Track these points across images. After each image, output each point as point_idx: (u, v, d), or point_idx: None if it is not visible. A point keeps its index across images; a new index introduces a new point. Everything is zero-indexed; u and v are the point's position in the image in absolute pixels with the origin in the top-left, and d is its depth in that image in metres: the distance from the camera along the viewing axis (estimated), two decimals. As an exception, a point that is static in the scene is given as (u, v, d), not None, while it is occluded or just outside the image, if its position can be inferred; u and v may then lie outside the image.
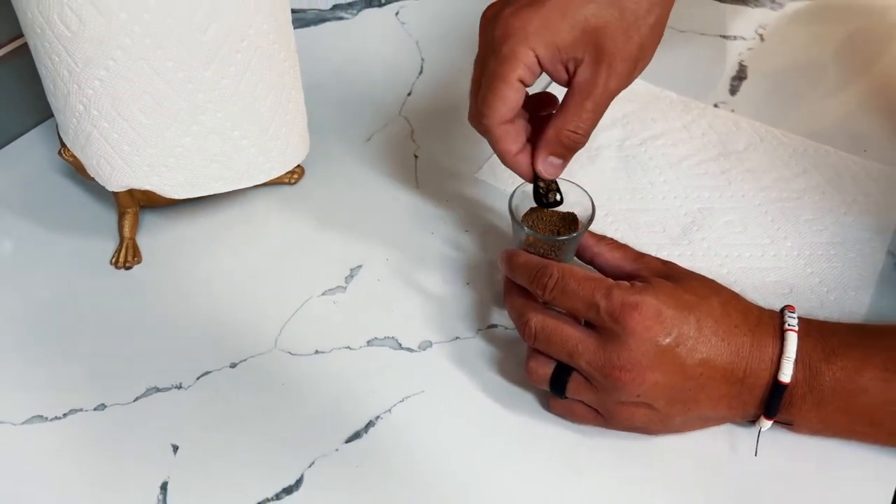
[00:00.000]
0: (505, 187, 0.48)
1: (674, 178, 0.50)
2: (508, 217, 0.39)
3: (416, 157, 0.52)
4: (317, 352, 0.40)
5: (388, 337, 0.41)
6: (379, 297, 0.43)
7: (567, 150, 0.36)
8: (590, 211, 0.38)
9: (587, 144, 0.37)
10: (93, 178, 0.43)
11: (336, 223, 0.47)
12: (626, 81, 0.35)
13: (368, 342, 0.41)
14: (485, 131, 0.36)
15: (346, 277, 0.44)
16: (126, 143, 0.39)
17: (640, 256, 0.37)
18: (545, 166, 0.36)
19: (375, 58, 0.60)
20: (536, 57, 0.34)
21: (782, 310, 0.35)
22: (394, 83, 0.57)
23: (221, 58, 0.38)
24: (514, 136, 0.36)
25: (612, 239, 0.38)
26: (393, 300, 0.43)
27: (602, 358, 0.32)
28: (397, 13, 0.64)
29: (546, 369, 0.34)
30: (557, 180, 0.38)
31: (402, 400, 0.38)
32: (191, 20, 0.36)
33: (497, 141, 0.36)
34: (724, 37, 0.61)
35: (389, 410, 0.38)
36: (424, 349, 0.41)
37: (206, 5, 0.36)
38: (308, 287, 0.44)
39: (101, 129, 0.38)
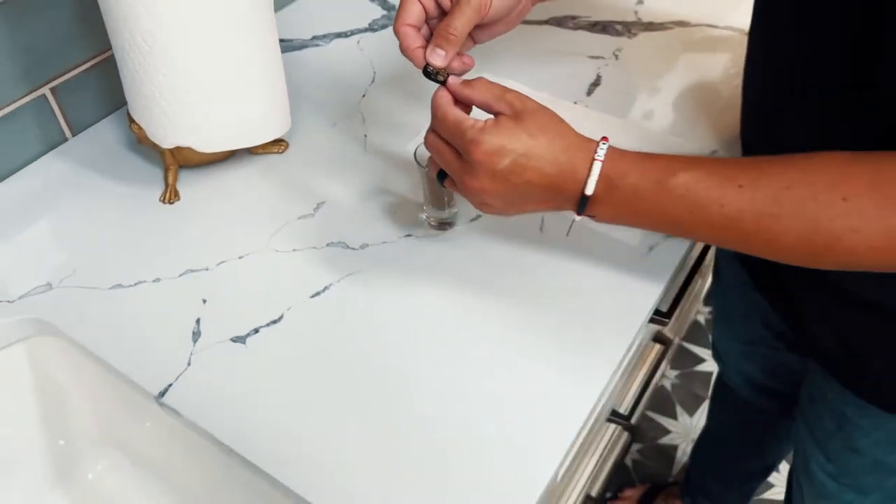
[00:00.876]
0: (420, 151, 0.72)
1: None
2: (419, 169, 0.63)
3: (365, 136, 0.76)
4: (294, 250, 0.64)
5: (340, 241, 0.65)
6: (336, 217, 0.67)
7: (448, 44, 0.51)
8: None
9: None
10: (150, 144, 0.67)
11: (311, 175, 0.71)
12: (488, 6, 0.52)
13: (327, 244, 0.64)
14: (396, 33, 0.52)
15: (314, 207, 0.68)
16: (175, 113, 0.63)
17: (503, 95, 0.50)
18: (431, 55, 0.51)
19: (341, 70, 0.84)
20: None
21: (599, 140, 0.49)
22: (353, 88, 0.82)
23: (237, 58, 0.62)
24: (414, 37, 0.52)
25: (480, 80, 0.51)
26: (344, 220, 0.66)
27: (461, 174, 0.50)
28: (358, 41, 0.89)
29: (435, 168, 0.54)
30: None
31: (348, 275, 0.62)
32: (221, 42, 0.60)
33: (402, 38, 0.52)
34: (591, 56, 0.86)
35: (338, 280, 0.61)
36: (363, 248, 0.64)
37: (232, 32, 0.60)
38: (288, 211, 0.67)
39: (160, 106, 0.62)
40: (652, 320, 0.70)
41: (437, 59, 0.52)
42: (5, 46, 0.66)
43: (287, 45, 0.87)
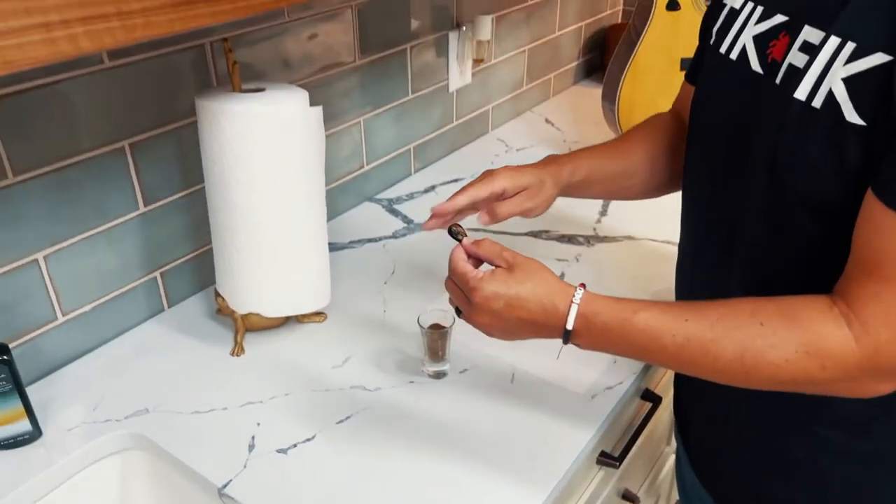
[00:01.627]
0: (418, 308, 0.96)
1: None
2: (421, 332, 0.87)
3: (384, 311, 1.01)
4: (326, 390, 0.87)
5: (360, 385, 0.87)
6: (359, 367, 0.90)
7: (494, 220, 0.81)
8: (451, 321, 0.86)
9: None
10: (226, 313, 0.93)
11: (342, 338, 0.95)
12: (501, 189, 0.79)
13: (351, 387, 0.87)
14: (436, 208, 0.78)
15: (343, 360, 0.91)
16: (250, 286, 0.89)
17: (501, 252, 0.68)
18: (481, 216, 0.80)
19: (370, 264, 1.12)
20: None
21: (577, 286, 0.65)
22: (377, 277, 1.09)
23: (299, 247, 0.89)
24: (444, 216, 0.79)
25: (486, 241, 0.70)
26: (365, 369, 0.90)
27: (468, 312, 0.67)
28: (384, 245, 1.18)
29: (453, 305, 0.71)
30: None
31: (364, 409, 0.84)
32: (290, 235, 0.88)
33: (438, 210, 0.78)
34: (558, 259, 1.13)
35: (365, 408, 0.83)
36: (377, 390, 0.87)
37: (297, 228, 0.88)
38: (324, 363, 0.91)
39: (242, 280, 0.89)
40: (601, 462, 0.89)
41: (483, 220, 0.81)
42: (138, 244, 0.95)
43: (331, 247, 1.16)
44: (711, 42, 0.73)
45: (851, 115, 0.55)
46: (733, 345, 0.59)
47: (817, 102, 0.57)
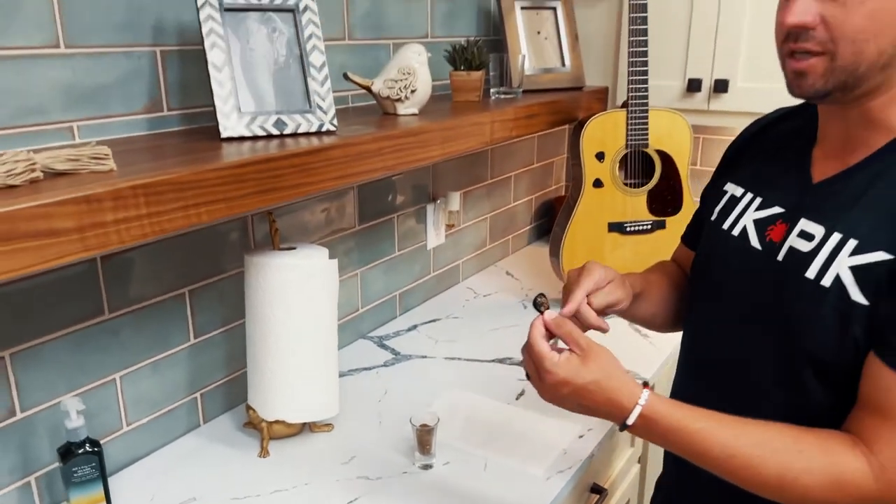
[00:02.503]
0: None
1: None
2: (412, 430, 1.12)
3: (380, 423, 1.25)
4: (336, 480, 1.09)
5: (364, 476, 1.10)
6: (362, 462, 1.13)
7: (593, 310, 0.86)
8: (436, 420, 1.11)
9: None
10: (254, 425, 1.16)
11: (347, 442, 1.19)
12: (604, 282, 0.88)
13: (357, 477, 1.10)
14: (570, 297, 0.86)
15: (349, 458, 1.15)
16: (276, 396, 1.14)
17: (578, 338, 0.77)
18: (567, 310, 0.85)
19: (365, 388, 1.37)
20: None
21: (643, 383, 0.75)
22: (373, 398, 1.34)
23: (322, 365, 1.15)
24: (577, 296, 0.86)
25: (566, 321, 0.79)
26: (367, 463, 1.13)
27: (537, 386, 0.78)
28: (377, 373, 1.44)
29: (525, 374, 0.82)
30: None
31: (367, 493, 1.06)
32: (313, 354, 1.14)
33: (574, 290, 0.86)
34: (518, 379, 1.40)
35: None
36: (378, 479, 1.10)
37: (321, 348, 1.15)
38: (333, 462, 1.14)
39: (270, 391, 1.14)
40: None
41: (567, 309, 0.85)
42: (186, 370, 1.20)
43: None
44: (713, 219, 0.91)
45: (857, 296, 0.71)
46: (776, 465, 0.71)
47: (826, 282, 0.73)
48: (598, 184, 1.65)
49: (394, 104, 1.27)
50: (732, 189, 0.91)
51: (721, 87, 1.67)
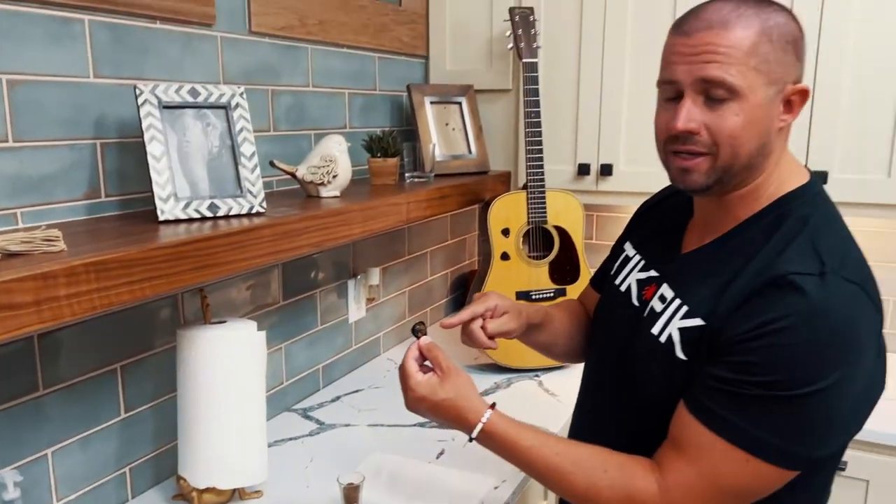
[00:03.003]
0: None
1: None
2: (339, 490, 1.19)
3: (307, 487, 1.32)
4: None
5: (294, 536, 1.16)
6: (291, 526, 1.19)
7: (486, 336, 1.05)
8: (361, 479, 1.19)
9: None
10: (186, 491, 1.21)
11: (275, 508, 1.24)
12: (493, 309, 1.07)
13: (287, 538, 1.16)
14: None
15: (279, 522, 1.20)
16: (206, 463, 1.19)
17: (442, 361, 0.96)
18: (447, 321, 1.06)
19: (295, 456, 1.43)
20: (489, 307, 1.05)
21: (491, 405, 0.93)
22: (301, 473, 1.40)
23: (250, 436, 1.22)
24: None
25: (436, 348, 0.97)
26: (296, 527, 1.18)
27: (405, 400, 0.97)
28: (303, 442, 1.50)
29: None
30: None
31: None
32: (244, 420, 1.21)
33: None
34: (437, 440, 1.49)
35: None
36: (307, 538, 1.16)
37: (235, 392, 1.21)
38: (265, 526, 1.19)
39: (201, 458, 1.19)
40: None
41: (448, 320, 1.06)
42: (115, 444, 1.24)
43: (260, 445, 1.47)
44: (612, 273, 1.08)
45: (679, 353, 0.87)
46: (585, 480, 0.89)
47: (663, 338, 0.89)
48: (505, 257, 1.81)
49: (317, 188, 1.40)
50: (629, 250, 1.07)
51: (606, 170, 1.89)
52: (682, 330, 0.87)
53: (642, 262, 1.01)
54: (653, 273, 0.98)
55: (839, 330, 0.79)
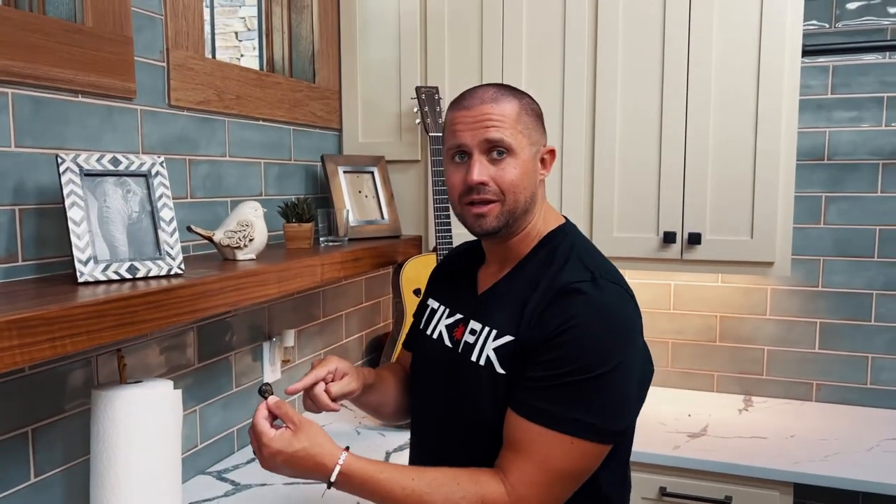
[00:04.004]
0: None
1: None
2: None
3: (223, 545, 1.33)
4: None
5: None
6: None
7: (330, 399, 1.12)
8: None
9: None
10: (99, 555, 1.20)
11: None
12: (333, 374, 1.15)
13: None
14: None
15: (194, 580, 1.21)
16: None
17: (293, 416, 1.00)
18: (309, 405, 1.13)
19: (207, 518, 1.44)
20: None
21: (345, 448, 1.00)
22: (215, 525, 1.40)
23: (164, 491, 1.23)
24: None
25: (284, 404, 1.02)
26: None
27: (259, 458, 1.01)
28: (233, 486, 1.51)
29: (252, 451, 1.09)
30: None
31: None
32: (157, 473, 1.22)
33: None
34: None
35: None
36: None
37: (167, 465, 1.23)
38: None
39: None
40: None
41: (292, 386, 1.11)
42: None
43: None
44: (420, 327, 1.24)
45: (499, 368, 1.04)
46: (442, 496, 0.98)
47: (482, 361, 1.06)
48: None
49: (233, 251, 1.46)
50: (433, 304, 1.24)
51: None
52: (496, 349, 1.05)
53: (447, 311, 1.19)
54: (458, 316, 1.16)
55: (615, 318, 1.02)
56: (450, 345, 1.14)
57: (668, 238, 1.86)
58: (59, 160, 1.16)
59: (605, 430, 0.99)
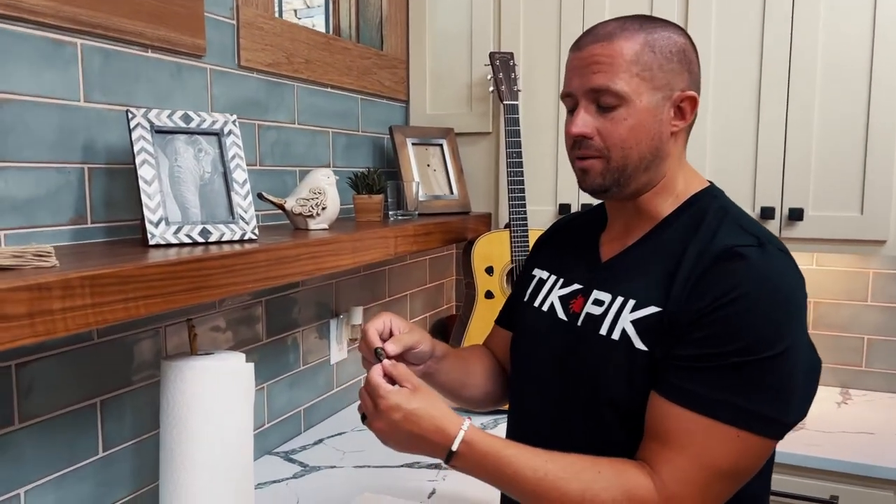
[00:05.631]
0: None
1: None
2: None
3: (295, 529, 1.25)
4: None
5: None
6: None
7: (396, 344, 0.98)
8: None
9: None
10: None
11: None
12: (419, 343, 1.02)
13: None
14: (364, 331, 0.99)
15: (267, 565, 1.13)
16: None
17: (409, 377, 0.89)
18: (388, 344, 0.97)
19: None
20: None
21: (465, 417, 0.84)
22: (285, 507, 1.33)
23: (235, 469, 1.16)
24: (375, 337, 0.98)
25: (401, 365, 0.90)
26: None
27: (372, 417, 0.87)
28: (287, 484, 1.43)
29: (360, 411, 0.90)
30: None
31: None
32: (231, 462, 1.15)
33: (369, 335, 0.98)
34: (428, 479, 1.44)
35: None
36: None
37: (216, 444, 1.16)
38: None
39: (188, 501, 1.12)
40: None
41: (390, 347, 0.97)
42: (92, 484, 1.16)
43: (242, 488, 1.40)
44: (525, 300, 1.07)
45: (639, 344, 0.87)
46: (579, 484, 0.83)
47: (615, 336, 0.90)
48: (489, 295, 1.80)
49: (305, 220, 1.38)
50: (540, 273, 1.09)
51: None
52: (635, 322, 0.89)
53: (561, 281, 1.03)
54: (576, 286, 1.00)
55: (785, 293, 0.85)
56: (564, 318, 0.99)
57: (766, 213, 1.71)
58: (130, 115, 1.09)
59: (776, 421, 0.84)
